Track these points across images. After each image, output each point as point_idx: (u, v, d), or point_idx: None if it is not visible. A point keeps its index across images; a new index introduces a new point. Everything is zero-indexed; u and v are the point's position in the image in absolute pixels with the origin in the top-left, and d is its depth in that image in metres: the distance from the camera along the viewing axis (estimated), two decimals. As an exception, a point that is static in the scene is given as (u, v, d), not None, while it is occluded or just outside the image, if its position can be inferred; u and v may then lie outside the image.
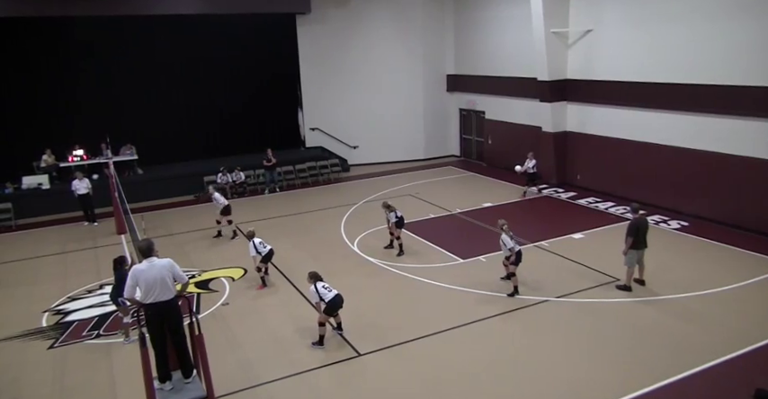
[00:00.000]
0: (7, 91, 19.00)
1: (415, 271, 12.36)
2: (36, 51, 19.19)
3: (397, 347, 9.29)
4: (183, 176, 19.97)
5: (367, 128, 23.26)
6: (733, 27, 13.43)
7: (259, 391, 8.29)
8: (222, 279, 12.49)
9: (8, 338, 10.20)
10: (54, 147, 19.07)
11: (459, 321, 10.02)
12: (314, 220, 16.49)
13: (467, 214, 16.36)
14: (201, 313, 10.76)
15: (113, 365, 9.20)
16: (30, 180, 18.39)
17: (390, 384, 8.32)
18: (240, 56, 21.96)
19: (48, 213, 17.80)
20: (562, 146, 18.90)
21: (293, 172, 21.13)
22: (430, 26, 23.20)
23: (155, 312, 6.56)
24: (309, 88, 22.89)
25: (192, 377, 6.88)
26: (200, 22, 20.79)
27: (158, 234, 15.12)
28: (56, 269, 13.62)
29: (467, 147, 24.33)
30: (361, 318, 10.18)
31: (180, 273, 6.76)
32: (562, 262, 12.47)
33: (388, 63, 23.02)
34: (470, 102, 23.44)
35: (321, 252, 13.71)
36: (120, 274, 9.66)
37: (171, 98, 21.20)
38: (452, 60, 23.90)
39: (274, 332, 10.00)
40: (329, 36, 22.39)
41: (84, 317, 10.92)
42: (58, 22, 18.75)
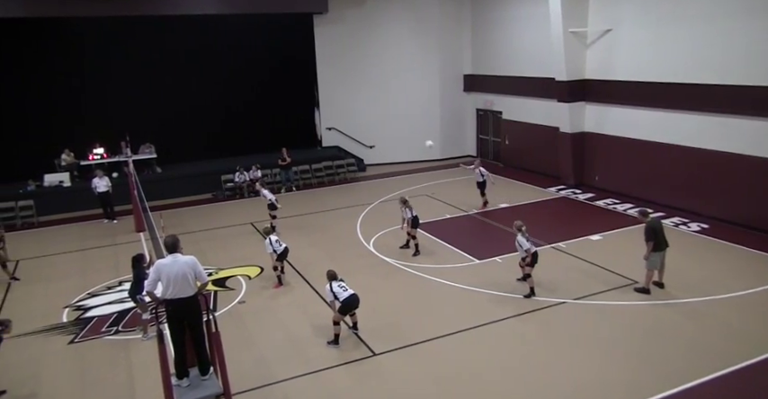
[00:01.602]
0: (29, 90, 19.31)
1: (430, 272, 12.34)
2: (57, 51, 19.49)
3: (412, 347, 9.29)
4: (201, 175, 20.16)
5: (383, 127, 23.27)
6: (754, 26, 13.20)
7: (274, 389, 8.34)
8: (239, 277, 12.58)
9: (30, 333, 10.37)
10: (75, 146, 19.37)
11: (475, 321, 9.99)
12: (330, 219, 16.55)
13: (483, 214, 16.29)
14: (218, 310, 10.86)
15: (132, 361, 9.32)
16: (51, 178, 18.70)
17: (405, 383, 8.32)
18: (258, 56, 22.10)
19: (68, 210, 18.08)
20: (580, 147, 18.74)
21: (310, 172, 21.22)
22: (447, 26, 23.15)
23: (174, 308, 6.63)
24: (326, 88, 22.96)
25: (208, 374, 6.94)
26: (218, 23, 20.97)
27: (176, 232, 15.15)
28: (76, 265, 13.83)
29: (483, 148, 24.23)
30: (376, 318, 10.19)
31: (202, 272, 6.82)
32: (579, 264, 12.37)
33: (405, 63, 23.02)
34: (487, 102, 23.34)
35: (337, 252, 13.75)
36: (138, 272, 9.81)
37: (189, 98, 21.38)
38: (469, 60, 23.82)
39: (290, 331, 10.05)
40: (346, 36, 22.44)
41: (104, 313, 11.08)
42: (79, 22, 19.03)
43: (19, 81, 19.14)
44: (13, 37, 18.85)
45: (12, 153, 19.04)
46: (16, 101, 19.22)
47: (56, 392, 8.56)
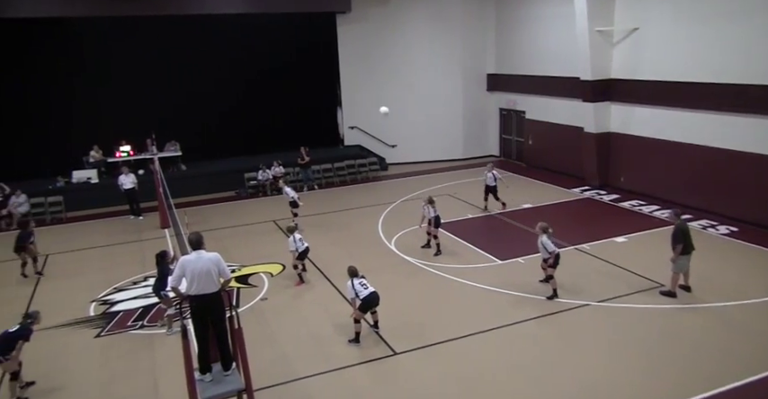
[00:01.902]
0: (59, 88, 19.69)
1: (452, 271, 12.29)
2: (86, 50, 19.85)
3: (433, 347, 9.27)
4: (225, 172, 20.38)
5: (405, 127, 23.25)
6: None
7: (295, 386, 8.40)
8: (261, 274, 12.69)
9: (58, 326, 10.60)
10: (103, 143, 19.72)
11: (496, 322, 9.92)
12: (351, 218, 16.59)
13: (506, 215, 16.18)
14: (241, 307, 10.96)
15: (156, 355, 9.47)
16: (79, 174, 19.09)
17: (425, 384, 8.31)
18: (281, 55, 22.22)
19: (96, 206, 18.43)
20: (605, 148, 18.48)
21: (332, 170, 21.30)
22: (470, 25, 23.02)
23: (198, 304, 6.71)
24: (348, 87, 23.02)
25: (231, 370, 7.00)
26: (242, 22, 21.12)
27: (200, 229, 15.36)
28: (103, 260, 14.08)
29: (506, 147, 24.05)
30: (397, 317, 10.19)
31: (225, 269, 6.89)
32: (603, 266, 12.20)
33: (428, 62, 22.96)
34: (510, 102, 23.16)
35: (358, 250, 13.78)
36: (163, 268, 9.96)
37: (213, 96, 21.60)
38: (493, 59, 23.66)
39: (311, 328, 10.11)
40: (369, 35, 22.47)
41: (129, 308, 11.28)
42: (107, 21, 19.34)
43: (50, 79, 19.53)
44: (46, 36, 19.26)
45: (42, 149, 19.45)
46: (47, 98, 19.62)
47: (82, 384, 8.73)
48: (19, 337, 8.19)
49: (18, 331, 8.21)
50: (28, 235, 12.85)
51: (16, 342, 8.17)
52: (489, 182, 16.15)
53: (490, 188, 16.19)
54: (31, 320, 8.40)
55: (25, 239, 12.78)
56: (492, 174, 16.05)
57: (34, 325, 8.46)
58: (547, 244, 10.61)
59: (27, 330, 8.28)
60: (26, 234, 12.84)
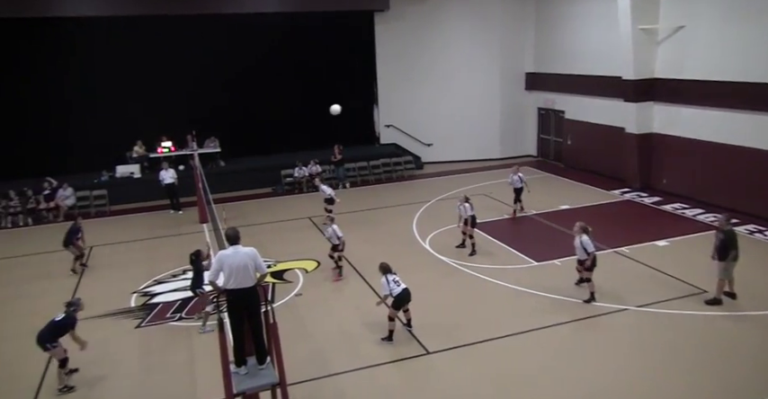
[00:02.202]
0: (104, 85, 20.24)
1: (486, 272, 12.18)
2: (129, 48, 20.35)
3: (466, 347, 9.20)
4: (262, 169, 20.68)
5: (442, 125, 23.14)
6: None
7: (328, 382, 8.46)
8: (296, 270, 12.82)
9: (101, 315, 10.94)
10: (145, 139, 20.25)
11: (532, 325, 9.79)
12: (386, 216, 16.60)
13: (543, 216, 15.93)
14: (276, 302, 11.09)
15: (193, 346, 9.67)
16: (123, 169, 19.66)
17: (458, 384, 8.25)
18: (318, 53, 22.35)
19: (138, 200, 18.94)
20: (647, 149, 18.01)
21: (367, 169, 21.37)
22: (509, 23, 22.75)
23: (235, 298, 6.81)
24: (385, 85, 23.05)
25: (265, 364, 7.08)
26: (280, 21, 21.33)
27: (237, 224, 15.63)
28: (144, 253, 14.46)
29: (544, 147, 23.69)
30: (430, 316, 10.15)
31: (261, 263, 6.98)
32: (644, 270, 11.90)
33: (466, 60, 22.79)
34: (549, 101, 22.79)
35: (392, 249, 13.77)
36: (198, 266, 10.16)
37: (252, 94, 21.91)
38: (532, 58, 23.33)
39: (344, 325, 10.16)
40: (406, 33, 22.45)
41: (168, 300, 11.56)
42: (148, 19, 19.78)
43: (96, 76, 20.13)
44: (92, 34, 19.86)
45: (89, 144, 20.07)
46: (93, 95, 20.21)
47: (123, 372, 8.99)
48: (65, 326, 8.44)
49: (63, 319, 8.47)
50: (76, 231, 13.23)
51: (63, 331, 8.43)
52: (516, 185, 15.78)
53: (517, 190, 15.84)
54: (74, 307, 8.63)
55: (74, 234, 13.16)
56: (518, 177, 15.71)
57: (77, 313, 8.71)
58: (587, 245, 10.37)
59: (72, 318, 8.53)
60: (75, 230, 13.23)
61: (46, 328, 8.45)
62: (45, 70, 19.58)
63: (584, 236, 10.42)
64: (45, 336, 8.37)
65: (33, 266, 13.88)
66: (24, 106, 19.57)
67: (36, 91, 19.56)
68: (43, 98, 19.70)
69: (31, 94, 19.52)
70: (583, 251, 10.46)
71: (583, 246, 10.41)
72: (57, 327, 8.41)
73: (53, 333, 8.39)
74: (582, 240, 10.42)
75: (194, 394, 8.34)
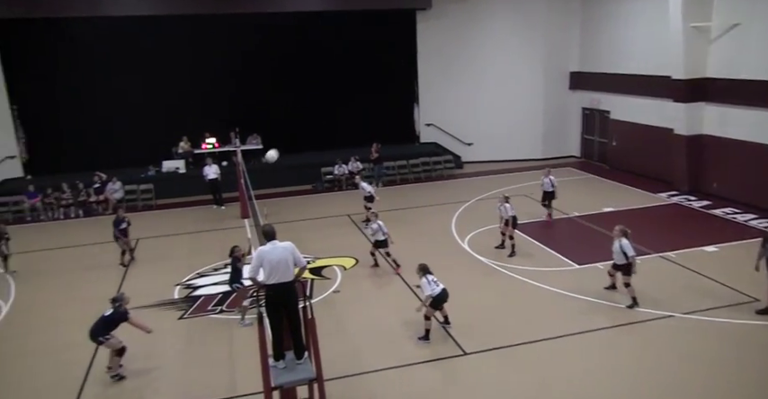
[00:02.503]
0: (151, 82, 20.79)
1: (526, 274, 12.01)
2: (178, 47, 20.86)
3: (503, 349, 9.10)
4: (302, 166, 20.90)
5: (483, 125, 22.91)
6: None
7: (364, 379, 8.50)
8: (334, 267, 12.93)
9: (146, 306, 11.26)
10: (191, 135, 20.73)
11: (571, 329, 9.61)
12: (425, 215, 16.56)
13: (585, 218, 15.60)
14: (314, 298, 11.20)
15: (233, 339, 9.87)
16: (169, 164, 20.21)
17: (495, 387, 8.17)
18: (359, 51, 22.41)
19: (182, 195, 19.43)
20: (696, 151, 17.41)
21: (406, 167, 21.35)
22: (554, 21, 22.34)
23: (275, 293, 6.91)
24: (426, 84, 22.98)
25: (303, 359, 7.16)
26: (322, 19, 21.46)
27: (277, 221, 15.89)
28: (187, 246, 14.82)
29: (588, 148, 23.18)
30: (468, 317, 10.08)
31: (299, 256, 7.07)
32: (691, 276, 11.51)
33: (508, 59, 22.50)
34: (594, 101, 22.28)
35: (430, 248, 13.72)
36: (234, 262, 10.35)
37: (294, 91, 22.13)
38: (577, 57, 22.84)
39: (381, 323, 10.18)
40: (448, 31, 22.31)
41: (210, 293, 11.82)
42: (190, 18, 20.22)
43: (143, 73, 20.69)
44: (139, 32, 20.40)
45: (137, 140, 20.69)
46: (140, 92, 20.80)
47: (166, 362, 9.25)
48: (115, 320, 8.66)
49: (111, 315, 8.65)
50: (119, 222, 13.64)
51: (114, 325, 8.65)
52: (546, 188, 15.33)
53: (547, 194, 15.40)
54: (118, 303, 8.80)
55: (117, 225, 13.56)
56: (549, 180, 15.25)
57: (124, 306, 8.90)
58: (627, 248, 10.10)
59: (119, 313, 8.71)
60: (117, 221, 13.64)
61: (97, 323, 8.66)
62: (97, 67, 20.25)
63: (623, 240, 10.16)
64: (97, 331, 8.59)
65: (84, 256, 14.41)
66: (78, 103, 20.29)
67: (88, 88, 20.25)
68: (94, 95, 20.37)
69: (83, 91, 20.23)
70: (622, 255, 10.17)
71: (622, 250, 10.12)
72: (107, 322, 8.64)
73: (105, 328, 8.61)
74: (621, 243, 10.15)
75: (234, 386, 8.51)
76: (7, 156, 19.77)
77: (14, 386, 8.80)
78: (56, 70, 19.88)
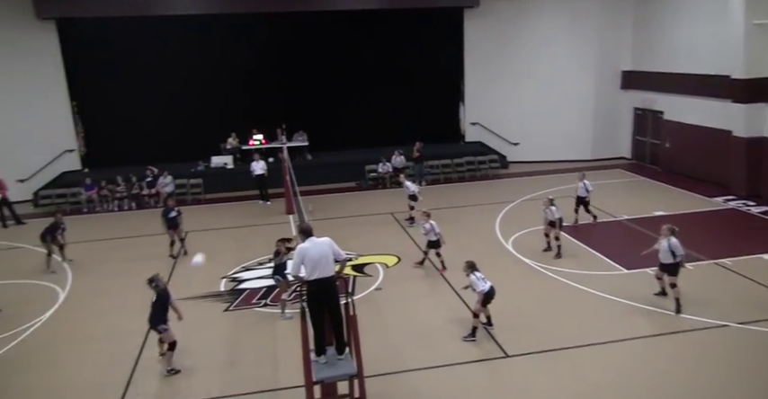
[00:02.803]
0: (203, 80, 21.30)
1: (571, 277, 11.75)
2: (226, 46, 21.25)
3: (547, 353, 8.93)
4: (347, 164, 21.05)
5: (530, 124, 22.52)
6: None
7: (404, 377, 8.49)
8: (377, 264, 12.96)
9: (193, 297, 11.58)
10: (238, 132, 21.18)
11: (618, 335, 9.35)
12: (468, 215, 16.41)
13: (635, 221, 15.13)
14: (355, 295, 11.25)
15: (276, 333, 10.03)
16: (217, 159, 20.71)
17: (537, 391, 8.03)
18: (405, 49, 22.35)
19: (229, 190, 19.85)
20: (756, 154, 16.64)
21: (450, 166, 21.21)
22: (605, 18, 21.74)
23: (317, 288, 6.98)
24: (473, 82, 22.76)
25: (344, 355, 7.21)
26: (369, 17, 21.53)
27: (321, 217, 16.10)
28: (233, 240, 15.14)
29: (640, 150, 22.48)
30: (510, 318, 9.93)
31: (339, 250, 7.13)
32: (748, 285, 11.01)
33: (558, 57, 22.03)
34: (647, 101, 21.58)
35: (473, 248, 13.56)
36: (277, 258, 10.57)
37: (339, 89, 22.28)
38: (629, 55, 22.16)
39: (422, 321, 10.15)
40: (496, 29, 22.04)
41: (255, 287, 12.05)
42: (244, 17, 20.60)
43: (196, 71, 21.24)
44: (186, 31, 20.96)
45: (188, 135, 21.27)
46: (190, 89, 21.33)
47: (211, 353, 9.47)
48: (161, 301, 8.79)
49: (158, 297, 8.81)
50: (168, 211, 13.98)
51: (164, 307, 8.80)
52: (580, 193, 14.75)
53: (581, 199, 14.83)
54: (155, 283, 8.85)
55: (165, 214, 13.88)
56: (583, 184, 14.69)
57: (162, 286, 8.91)
58: (676, 248, 9.76)
59: (161, 293, 8.79)
60: (167, 210, 14.01)
61: (152, 311, 8.82)
62: (151, 65, 20.87)
63: (672, 239, 9.82)
64: (154, 318, 8.75)
65: (135, 247, 14.92)
66: (133, 99, 20.96)
67: (142, 85, 20.91)
68: (148, 92, 21.00)
69: (138, 88, 20.89)
70: (670, 254, 9.81)
71: (671, 249, 9.76)
72: (156, 306, 8.80)
73: (159, 312, 8.75)
74: (671, 242, 9.80)
75: (276, 378, 8.64)
76: (66, 150, 20.64)
77: (67, 371, 9.17)
78: (113, 68, 20.58)
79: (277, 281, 10.68)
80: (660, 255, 10.05)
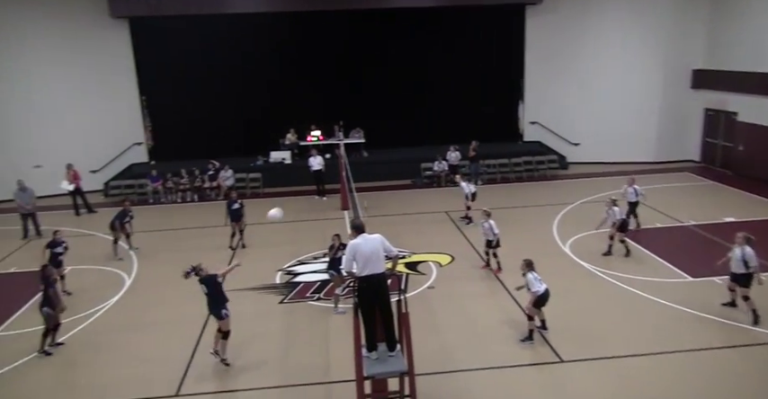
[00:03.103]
0: (263, 78, 21.75)
1: (631, 282, 11.33)
2: (288, 44, 21.62)
3: (604, 360, 8.66)
4: (402, 161, 21.07)
5: (591, 124, 21.83)
6: None
7: (455, 377, 8.43)
8: (430, 263, 12.91)
9: (250, 288, 11.90)
10: (297, 127, 21.54)
11: (681, 345, 8.95)
12: (525, 215, 16.10)
13: (703, 227, 14.43)
14: (408, 293, 11.24)
15: (329, 326, 10.17)
16: (276, 155, 21.15)
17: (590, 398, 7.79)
18: (466, 46, 22.12)
19: (287, 185, 20.25)
20: (841, 159, 15.54)
21: (508, 166, 20.86)
22: (676, 15, 20.78)
23: (368, 284, 7.02)
24: (533, 80, 22.29)
25: (395, 352, 7.22)
26: (429, 15, 21.42)
27: (375, 214, 16.17)
28: (289, 234, 15.42)
29: (710, 152, 21.40)
30: (566, 323, 9.69)
31: (390, 247, 7.17)
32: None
33: (623, 55, 21.22)
34: (720, 101, 20.50)
35: (530, 249, 13.17)
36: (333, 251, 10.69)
37: (396, 86, 22.27)
38: (701, 53, 21.09)
39: (475, 322, 10.04)
40: (559, 26, 21.48)
41: (309, 280, 12.25)
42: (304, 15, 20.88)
43: (257, 69, 21.69)
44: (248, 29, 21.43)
45: (249, 131, 21.85)
46: (253, 86, 21.87)
47: (265, 344, 9.70)
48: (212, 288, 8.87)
49: (209, 287, 8.91)
50: (232, 202, 14.35)
51: (219, 293, 8.93)
52: (630, 198, 14.10)
53: (631, 204, 14.18)
54: (199, 270, 8.95)
55: (229, 206, 14.28)
56: (633, 189, 14.03)
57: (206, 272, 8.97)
58: (751, 258, 9.25)
59: (209, 280, 8.90)
60: (230, 202, 14.38)
61: (209, 301, 8.99)
62: (215, 61, 21.45)
63: (747, 248, 9.30)
64: (213, 305, 8.93)
65: (197, 238, 15.45)
66: (197, 95, 21.66)
67: (206, 81, 21.53)
68: (211, 87, 21.64)
69: (201, 84, 21.55)
70: (742, 264, 9.31)
71: (744, 259, 9.25)
72: (212, 296, 8.98)
73: (216, 298, 8.92)
74: (745, 252, 9.29)
75: (328, 372, 8.76)
76: (135, 143, 21.58)
77: (128, 355, 9.58)
78: (178, 64, 21.32)
79: (331, 276, 10.83)
80: (732, 264, 9.56)
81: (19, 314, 11.15)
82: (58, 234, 11.93)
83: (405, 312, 7.01)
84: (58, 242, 11.79)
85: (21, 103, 19.54)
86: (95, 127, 20.64)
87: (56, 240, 11.79)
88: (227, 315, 8.98)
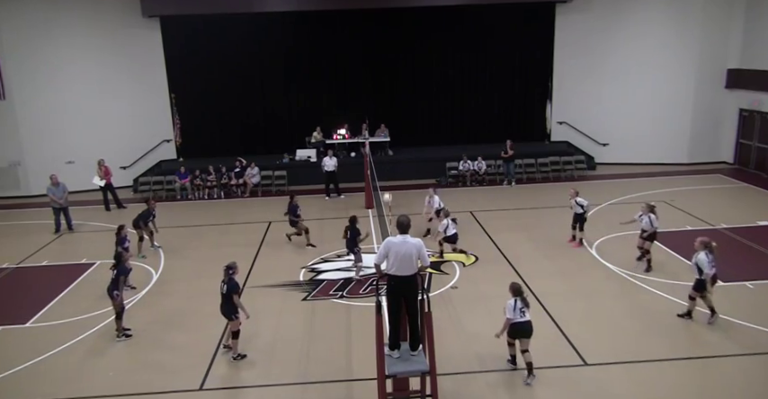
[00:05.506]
0: (290, 77, 21.93)
1: (658, 285, 11.11)
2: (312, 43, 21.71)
3: (630, 364, 8.52)
4: (428, 160, 20.99)
5: (621, 124, 21.44)
6: None
7: (476, 377, 8.41)
8: (453, 263, 12.85)
9: (274, 285, 12.00)
10: (323, 125, 21.65)
11: (711, 351, 8.78)
12: (551, 216, 15.86)
13: (735, 231, 14.06)
14: (431, 292, 11.21)
15: (351, 324, 10.20)
16: (302, 153, 21.28)
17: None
18: (492, 45, 21.95)
19: (312, 183, 20.30)
20: None
21: (534, 166, 20.64)
22: (711, 12, 20.25)
23: (396, 284, 7.02)
24: (561, 80, 21.99)
25: (418, 351, 7.21)
26: (457, 13, 21.29)
27: (400, 213, 16.08)
28: (313, 232, 15.42)
29: (744, 154, 20.84)
30: (589, 325, 9.58)
31: (425, 255, 7.11)
32: None
33: (655, 54, 20.78)
34: (755, 102, 19.96)
35: (554, 250, 13.18)
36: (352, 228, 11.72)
37: (422, 85, 22.25)
38: (737, 52, 20.54)
39: (497, 323, 9.90)
40: (589, 25, 21.15)
41: (333, 278, 12.31)
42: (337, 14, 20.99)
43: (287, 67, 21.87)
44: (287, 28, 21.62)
45: (275, 129, 22.04)
46: (282, 83, 22.06)
47: (288, 341, 9.76)
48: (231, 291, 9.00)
49: (227, 288, 9.01)
50: (295, 208, 14.31)
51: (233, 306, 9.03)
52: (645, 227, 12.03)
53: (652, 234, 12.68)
54: (231, 271, 9.08)
55: (294, 210, 14.27)
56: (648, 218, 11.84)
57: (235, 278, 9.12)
58: (703, 265, 9.13)
59: (232, 282, 9.01)
60: (293, 207, 14.32)
61: (222, 303, 9.10)
62: (242, 60, 21.71)
63: (701, 254, 9.25)
64: (225, 307, 9.06)
65: (224, 234, 15.62)
66: (224, 93, 21.93)
67: (233, 79, 21.77)
68: (239, 86, 21.87)
69: (229, 83, 21.78)
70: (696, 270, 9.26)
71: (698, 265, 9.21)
72: (228, 297, 9.02)
73: (230, 301, 9.03)
74: (698, 258, 9.25)
75: (350, 369, 8.80)
76: (164, 140, 21.95)
77: (151, 349, 9.74)
78: (207, 63, 21.59)
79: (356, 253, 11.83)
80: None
81: (51, 305, 11.44)
82: (123, 230, 12.24)
83: (428, 311, 7.00)
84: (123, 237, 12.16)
85: (54, 101, 19.96)
86: (126, 124, 21.03)
87: (122, 236, 12.15)
88: (237, 318, 9.06)
